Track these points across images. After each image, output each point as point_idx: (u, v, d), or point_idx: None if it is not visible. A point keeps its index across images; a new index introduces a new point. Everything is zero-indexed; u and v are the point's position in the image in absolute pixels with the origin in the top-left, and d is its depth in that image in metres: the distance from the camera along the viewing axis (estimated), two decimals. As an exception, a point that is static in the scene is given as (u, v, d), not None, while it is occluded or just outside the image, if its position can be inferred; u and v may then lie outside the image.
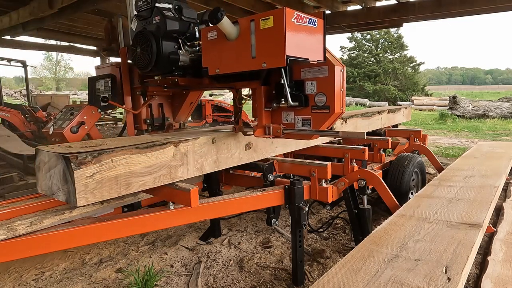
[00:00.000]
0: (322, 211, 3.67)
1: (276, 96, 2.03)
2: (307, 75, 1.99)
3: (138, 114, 2.79)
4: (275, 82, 2.01)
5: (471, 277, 2.23)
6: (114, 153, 1.63)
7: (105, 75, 2.83)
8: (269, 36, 1.68)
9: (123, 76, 2.73)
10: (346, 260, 1.76)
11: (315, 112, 1.98)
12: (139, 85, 2.74)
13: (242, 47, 1.79)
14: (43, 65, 53.02)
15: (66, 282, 2.41)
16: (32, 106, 10.05)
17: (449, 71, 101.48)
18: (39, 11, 6.56)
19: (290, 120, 2.08)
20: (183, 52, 2.27)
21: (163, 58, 2.19)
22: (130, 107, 2.78)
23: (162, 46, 2.18)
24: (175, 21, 2.27)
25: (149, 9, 2.32)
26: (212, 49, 1.93)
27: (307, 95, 2.00)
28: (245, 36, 1.76)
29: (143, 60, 2.27)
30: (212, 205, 2.09)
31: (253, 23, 1.73)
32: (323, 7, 7.38)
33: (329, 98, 1.91)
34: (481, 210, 2.39)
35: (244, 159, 2.40)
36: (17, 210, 1.90)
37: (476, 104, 13.04)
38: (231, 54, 1.84)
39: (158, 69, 2.26)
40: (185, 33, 2.33)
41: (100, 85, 2.89)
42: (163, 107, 2.94)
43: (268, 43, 1.69)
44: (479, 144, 5.51)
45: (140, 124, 2.84)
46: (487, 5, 5.94)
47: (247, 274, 2.46)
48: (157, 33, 2.22)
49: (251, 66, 1.79)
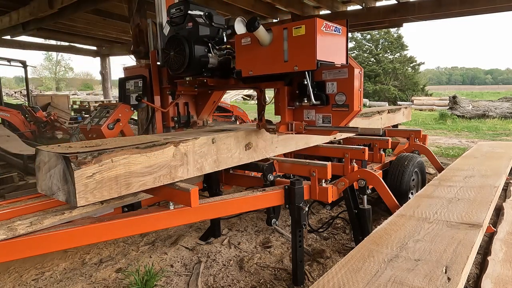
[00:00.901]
0: (322, 211, 3.67)
1: (299, 95, 2.22)
2: (328, 77, 2.18)
3: (166, 112, 3.00)
4: (298, 83, 2.20)
5: (471, 277, 2.23)
6: (114, 153, 1.63)
7: (136, 75, 3.02)
8: (301, 43, 1.86)
9: (153, 77, 2.93)
10: (346, 260, 1.76)
11: (335, 110, 2.16)
12: (167, 85, 2.94)
13: (275, 52, 1.96)
14: (43, 65, 53.02)
15: (66, 282, 2.41)
16: (32, 106, 10.05)
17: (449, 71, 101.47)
18: (39, 11, 6.56)
19: (311, 117, 2.26)
20: (212, 55, 2.46)
21: (195, 60, 2.39)
22: (159, 106, 2.98)
23: (194, 50, 2.38)
24: (206, 27, 2.49)
25: (182, 16, 2.53)
26: (246, 53, 2.11)
27: (327, 95, 2.18)
28: (278, 42, 1.94)
29: (176, 62, 2.46)
30: (212, 205, 2.09)
31: (285, 31, 1.91)
32: (323, 7, 7.38)
33: (349, 97, 2.10)
34: (481, 210, 2.39)
35: (244, 159, 2.40)
36: (17, 210, 1.90)
37: (476, 104, 13.04)
38: (264, 58, 2.02)
39: (190, 70, 2.45)
40: (215, 37, 2.53)
41: (130, 85, 3.10)
42: (188, 105, 3.15)
43: (300, 48, 1.87)
44: (479, 144, 5.51)
45: (168, 122, 3.02)
46: (487, 5, 5.94)
47: (247, 274, 2.46)
48: (189, 38, 2.41)
49: (283, 69, 1.95)
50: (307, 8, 7.48)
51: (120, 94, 3.16)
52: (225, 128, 2.60)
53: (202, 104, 3.18)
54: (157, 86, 2.96)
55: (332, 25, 1.93)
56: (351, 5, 7.27)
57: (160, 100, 2.99)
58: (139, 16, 4.95)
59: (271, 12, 7.73)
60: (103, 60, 13.83)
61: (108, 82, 14.87)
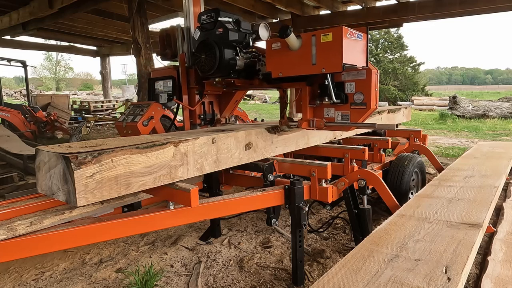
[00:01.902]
0: (322, 211, 3.67)
1: (319, 95, 2.46)
2: (347, 78, 2.38)
3: (193, 110, 3.22)
4: (318, 83, 2.44)
5: (471, 277, 2.24)
6: (114, 153, 1.63)
7: (165, 76, 3.27)
8: (329, 48, 2.07)
9: (181, 78, 3.14)
10: (346, 260, 1.76)
11: (353, 108, 2.37)
12: (194, 85, 3.14)
13: (304, 56, 2.17)
14: (43, 65, 53.03)
15: (66, 282, 2.41)
16: (32, 106, 10.05)
17: (449, 71, 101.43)
18: (39, 11, 6.57)
19: (331, 115, 2.49)
20: (239, 58, 2.70)
21: (224, 63, 2.61)
22: (187, 104, 3.19)
23: (224, 53, 2.60)
24: (235, 32, 2.71)
25: (213, 22, 2.75)
26: (276, 57, 2.31)
27: (346, 94, 2.39)
28: (306, 47, 2.16)
29: (207, 65, 2.68)
30: (212, 205, 2.09)
31: (314, 37, 2.12)
32: (323, 7, 7.38)
33: (366, 96, 2.30)
34: (481, 210, 2.39)
35: (244, 159, 2.40)
36: (17, 210, 1.90)
37: (476, 104, 13.04)
38: (293, 61, 2.23)
39: (219, 72, 2.67)
40: (242, 42, 2.75)
41: (159, 85, 3.34)
42: (213, 104, 3.38)
43: (327, 53, 2.07)
44: (479, 144, 5.51)
45: (194, 119, 3.23)
46: (487, 5, 5.95)
47: (247, 274, 2.46)
48: (220, 42, 2.63)
49: (311, 71, 2.17)
50: (307, 8, 7.48)
51: (149, 93, 3.42)
52: (225, 128, 2.60)
53: (225, 103, 3.41)
54: (185, 86, 3.16)
55: (355, 32, 2.14)
56: (351, 5, 7.27)
57: (187, 99, 3.20)
58: (139, 16, 4.96)
59: (271, 12, 7.73)
60: (103, 60, 13.84)
61: (108, 82, 14.88)
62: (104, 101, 14.74)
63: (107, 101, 14.74)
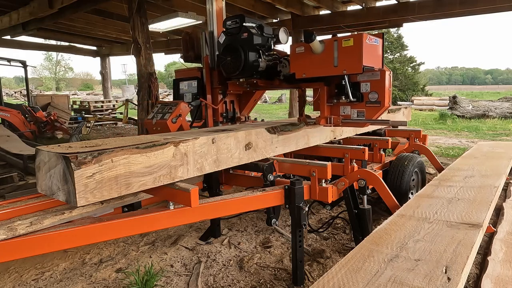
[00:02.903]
0: (322, 211, 3.67)
1: (336, 94, 2.65)
2: (362, 78, 2.57)
3: (216, 108, 3.44)
4: (335, 84, 2.64)
5: (471, 277, 2.24)
6: (114, 153, 1.63)
7: (190, 77, 3.50)
8: (350, 52, 2.27)
9: (206, 78, 3.36)
10: (346, 260, 1.76)
11: (368, 106, 2.57)
12: (217, 85, 3.35)
13: (326, 59, 2.38)
14: (43, 65, 53.03)
15: (66, 282, 2.41)
16: (32, 106, 10.05)
17: (449, 71, 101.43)
18: (39, 11, 6.56)
19: (347, 112, 2.69)
20: (262, 60, 2.91)
21: (249, 65, 2.84)
22: (210, 103, 3.40)
23: (248, 56, 2.83)
24: (258, 36, 2.91)
25: (238, 27, 2.96)
26: (300, 59, 2.53)
27: (362, 93, 2.59)
28: (329, 51, 2.37)
29: (232, 67, 2.92)
30: (212, 205, 2.09)
31: (336, 42, 2.34)
32: (323, 7, 7.38)
33: (381, 95, 2.51)
34: (481, 210, 2.39)
35: (244, 159, 2.40)
36: (17, 210, 1.90)
37: (476, 104, 13.03)
38: (316, 64, 2.44)
39: (244, 73, 2.91)
40: (264, 45, 2.96)
41: (184, 85, 3.56)
42: (234, 103, 3.61)
43: (348, 56, 2.29)
44: (479, 144, 5.51)
45: (217, 117, 3.43)
46: (487, 5, 5.95)
47: (247, 274, 2.46)
48: (244, 46, 2.85)
49: (333, 72, 2.38)
50: (307, 8, 7.48)
51: (174, 93, 3.66)
52: (225, 128, 2.61)
53: (245, 102, 3.65)
54: (209, 86, 3.39)
55: (373, 38, 2.35)
56: (351, 5, 7.27)
57: (211, 98, 3.42)
58: (139, 16, 4.96)
59: (271, 12, 7.73)
60: (103, 60, 13.84)
61: (108, 82, 14.88)
62: (104, 101, 14.73)
63: (107, 101, 14.73)
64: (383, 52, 2.49)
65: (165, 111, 3.17)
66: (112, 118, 13.29)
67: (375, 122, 2.65)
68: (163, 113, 3.21)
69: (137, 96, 5.28)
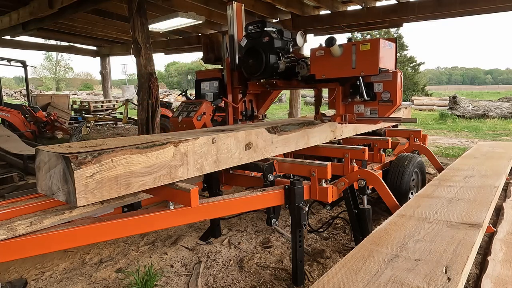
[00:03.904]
0: (322, 211, 3.67)
1: (351, 93, 2.84)
2: (375, 79, 2.76)
3: (236, 107, 3.63)
4: (350, 84, 2.83)
5: (471, 277, 2.24)
6: (114, 153, 1.63)
7: (211, 78, 3.76)
8: (367, 55, 2.50)
9: (227, 79, 3.58)
10: (346, 260, 1.76)
11: (381, 104, 2.75)
12: (237, 86, 3.56)
13: (345, 61, 2.60)
14: (43, 65, 53.05)
15: (66, 282, 2.41)
16: (32, 106, 10.05)
17: (449, 71, 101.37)
18: (39, 11, 6.56)
19: (360, 110, 2.88)
20: (281, 62, 3.13)
21: (269, 67, 3.07)
22: (231, 102, 3.60)
23: (269, 58, 3.06)
24: (279, 40, 3.13)
25: (259, 32, 3.19)
26: (320, 62, 2.74)
27: (375, 93, 2.78)
28: (347, 54, 2.58)
29: (254, 68, 3.16)
30: (212, 205, 2.09)
31: (354, 46, 2.55)
32: (323, 7, 7.38)
33: (393, 94, 2.70)
34: (481, 210, 2.39)
35: (244, 159, 2.40)
36: (17, 210, 1.90)
37: (476, 104, 13.03)
38: (335, 66, 2.66)
39: (265, 74, 3.14)
40: (284, 48, 3.17)
41: (205, 85, 3.81)
42: (252, 102, 3.80)
43: (365, 59, 2.50)
44: (479, 144, 5.51)
45: (237, 115, 3.63)
46: (487, 5, 5.94)
47: (247, 274, 2.46)
48: (266, 49, 3.09)
49: (351, 74, 2.60)
50: (307, 8, 7.48)
51: (196, 93, 3.91)
52: (225, 128, 2.61)
53: (263, 101, 3.85)
54: (230, 86, 3.59)
55: (387, 42, 2.57)
56: (351, 5, 7.26)
57: (231, 97, 3.62)
58: (139, 16, 4.95)
59: (271, 12, 7.72)
60: (103, 60, 13.83)
61: (108, 82, 14.87)
62: (104, 101, 14.73)
63: (107, 101, 14.73)
64: (396, 55, 2.70)
65: (190, 109, 3.40)
66: (112, 118, 13.27)
67: (388, 119, 2.83)
68: (188, 111, 3.44)
69: (137, 96, 5.27)
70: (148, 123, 5.04)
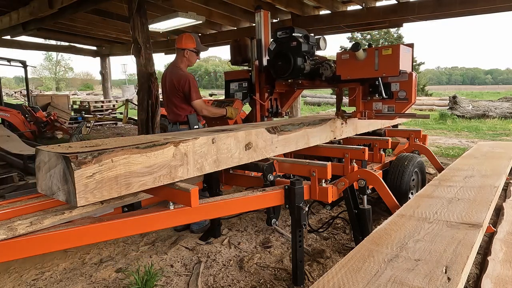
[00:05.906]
0: (322, 211, 3.67)
1: (370, 92, 3.15)
2: (393, 79, 3.04)
3: (264, 104, 3.94)
4: (369, 84, 3.13)
5: (471, 277, 2.24)
6: (114, 153, 1.63)
7: (240, 78, 4.06)
8: (388, 58, 2.80)
9: (255, 79, 3.89)
10: (346, 260, 1.76)
11: (398, 102, 3.06)
12: (265, 85, 3.89)
13: (368, 64, 2.90)
14: (43, 65, 53.06)
15: (66, 282, 2.41)
16: (32, 106, 10.05)
17: (449, 71, 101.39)
18: (39, 11, 6.55)
19: (378, 107, 3.19)
20: (307, 64, 3.41)
21: (296, 68, 3.38)
22: (259, 100, 3.92)
23: (297, 61, 3.36)
24: (305, 44, 3.40)
25: (287, 37, 3.47)
26: (345, 64, 3.04)
27: (392, 92, 3.08)
28: (371, 57, 2.89)
29: (282, 70, 3.47)
30: (212, 205, 2.09)
31: (377, 51, 2.86)
32: (323, 7, 7.37)
33: (408, 93, 3.01)
34: (481, 210, 2.39)
35: (244, 159, 2.40)
36: (17, 210, 1.89)
37: (476, 104, 13.02)
38: (360, 68, 2.96)
39: (292, 75, 3.46)
40: (309, 52, 3.46)
41: (234, 85, 4.11)
42: (277, 100, 4.13)
43: (387, 62, 2.81)
44: (479, 144, 5.51)
45: (264, 112, 3.95)
46: (487, 5, 5.93)
47: (247, 274, 2.46)
48: (293, 52, 3.39)
49: (374, 75, 2.91)
50: (307, 8, 7.47)
51: (225, 92, 4.20)
52: (225, 128, 2.61)
53: (286, 100, 4.16)
54: (258, 86, 3.90)
55: (406, 47, 2.89)
56: (351, 5, 7.25)
57: (259, 96, 3.92)
58: (139, 16, 4.95)
59: (271, 12, 7.70)
60: (103, 60, 13.83)
61: (108, 82, 14.86)
62: (104, 101, 14.72)
63: (107, 101, 14.72)
64: (412, 58, 3.00)
65: (223, 107, 3.67)
66: (112, 118, 13.28)
67: (403, 115, 3.15)
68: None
69: (137, 96, 5.27)
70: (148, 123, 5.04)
